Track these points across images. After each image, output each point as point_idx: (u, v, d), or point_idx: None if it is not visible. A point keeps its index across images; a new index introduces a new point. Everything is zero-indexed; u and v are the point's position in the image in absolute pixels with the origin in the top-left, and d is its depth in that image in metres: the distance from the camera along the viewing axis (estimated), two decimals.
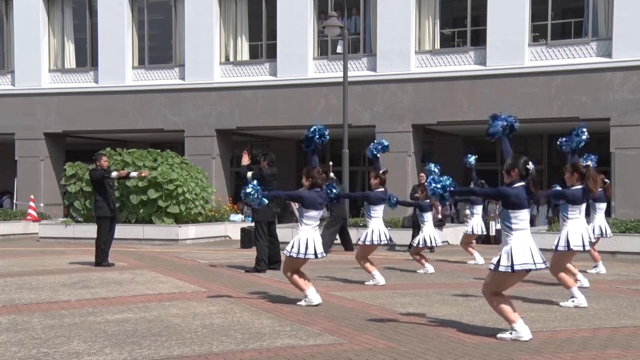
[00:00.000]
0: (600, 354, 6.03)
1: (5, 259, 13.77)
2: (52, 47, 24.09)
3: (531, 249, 6.49)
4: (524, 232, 6.52)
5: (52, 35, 24.05)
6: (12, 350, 6.16)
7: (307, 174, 8.48)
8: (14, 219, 21.14)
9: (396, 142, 19.80)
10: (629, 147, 18.01)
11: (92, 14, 23.59)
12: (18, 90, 23.82)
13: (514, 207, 6.46)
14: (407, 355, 5.92)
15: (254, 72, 22.19)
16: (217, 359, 5.80)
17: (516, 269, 6.40)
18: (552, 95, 18.74)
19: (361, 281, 10.57)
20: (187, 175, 18.12)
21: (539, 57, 19.23)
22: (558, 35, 19.49)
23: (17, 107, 23.54)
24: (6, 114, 23.55)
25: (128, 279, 10.73)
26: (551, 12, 19.36)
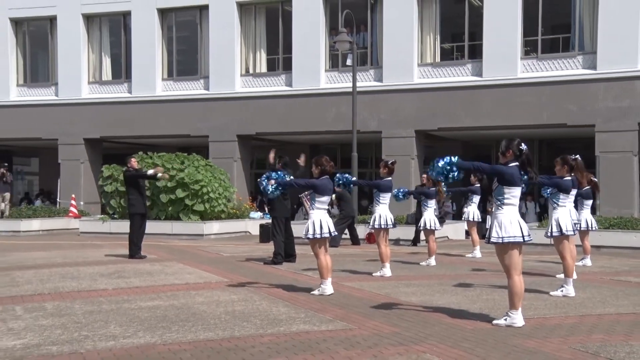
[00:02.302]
0: (587, 338, 6.00)
1: (50, 252, 13.85)
2: (91, 62, 24.19)
3: (520, 222, 6.44)
4: (514, 207, 6.48)
5: (91, 51, 24.15)
6: (56, 332, 6.20)
7: (316, 162, 8.51)
8: (58, 215, 21.24)
9: (400, 147, 19.82)
10: (612, 151, 17.95)
11: (126, 32, 23.68)
12: (61, 101, 23.91)
13: (509, 184, 6.41)
14: (411, 340, 5.91)
15: (272, 83, 22.20)
16: (239, 342, 5.80)
17: (505, 240, 6.36)
18: (542, 104, 18.66)
19: (369, 272, 10.56)
20: (211, 177, 18.14)
21: (530, 70, 19.16)
22: (547, 49, 19.41)
23: (60, 115, 23.64)
24: (51, 122, 23.63)
25: (158, 270, 10.76)
26: (541, 29, 19.28)
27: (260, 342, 5.79)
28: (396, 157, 14.45)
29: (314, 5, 21.26)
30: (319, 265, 8.41)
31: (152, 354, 5.39)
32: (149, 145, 22.75)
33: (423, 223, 12.13)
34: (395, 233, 15.22)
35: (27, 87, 24.80)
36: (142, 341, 5.84)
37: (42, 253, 13.59)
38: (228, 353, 5.43)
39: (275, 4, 22.17)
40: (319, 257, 8.36)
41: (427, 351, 5.52)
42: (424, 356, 5.37)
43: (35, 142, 25.01)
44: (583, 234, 11.33)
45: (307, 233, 8.26)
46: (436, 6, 20.49)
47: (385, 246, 10.33)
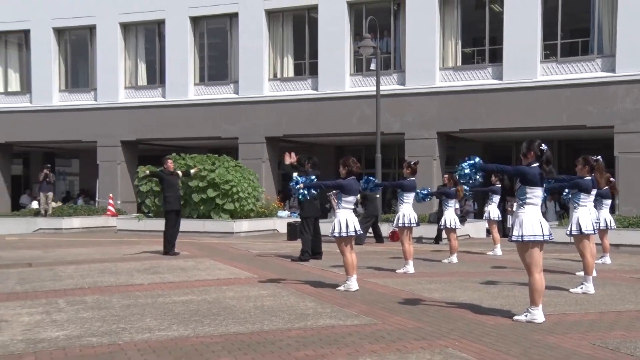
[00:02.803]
0: (607, 334, 5.91)
1: (89, 248, 14.02)
2: (127, 68, 24.44)
3: (541, 222, 6.35)
4: (536, 207, 6.40)
5: (127, 57, 24.41)
6: (96, 325, 6.28)
7: (344, 163, 8.51)
8: (96, 214, 21.49)
9: (423, 148, 19.71)
10: (631, 152, 17.63)
11: (160, 39, 23.89)
12: (99, 105, 24.18)
13: (531, 184, 6.34)
14: (434, 335, 5.88)
15: (298, 87, 22.22)
16: (268, 336, 5.81)
17: (525, 239, 6.29)
18: (562, 106, 18.41)
19: (392, 269, 10.51)
20: (241, 177, 18.21)
21: (550, 73, 18.92)
22: (567, 53, 19.15)
23: (98, 119, 23.90)
24: (90, 125, 23.90)
25: (191, 266, 10.82)
26: (560, 33, 19.04)
27: (288, 336, 5.80)
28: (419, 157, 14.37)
29: (339, 12, 21.24)
30: (344, 263, 8.40)
31: (186, 346, 5.42)
32: (181, 147, 22.90)
33: (444, 222, 12.08)
34: (418, 231, 15.14)
35: (68, 92, 25.14)
36: (176, 334, 5.89)
37: (82, 249, 13.77)
38: (257, 346, 5.45)
39: (302, 12, 22.20)
40: (344, 255, 8.35)
41: (450, 345, 5.48)
42: (446, 350, 5.33)
43: (76, 144, 25.32)
44: (602, 233, 11.20)
45: (334, 232, 8.27)
46: (457, 12, 20.34)
47: (408, 244, 10.29)
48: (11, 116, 24.90)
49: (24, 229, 19.89)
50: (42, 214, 20.75)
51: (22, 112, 24.89)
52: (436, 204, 16.41)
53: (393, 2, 21.06)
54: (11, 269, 10.48)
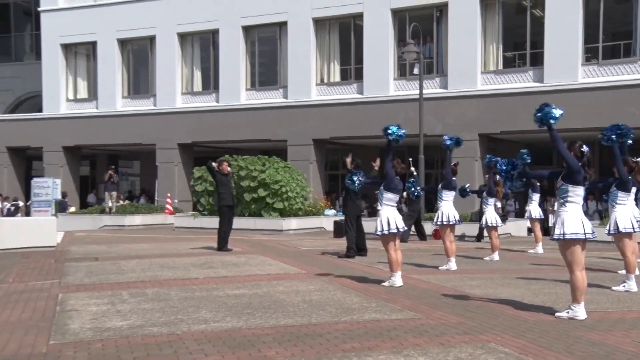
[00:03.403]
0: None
1: (150, 244, 14.25)
2: (184, 75, 24.84)
3: (582, 221, 6.18)
4: (577, 206, 6.23)
5: (184, 65, 24.82)
6: (156, 315, 6.39)
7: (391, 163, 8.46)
8: (156, 212, 21.83)
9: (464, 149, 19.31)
10: None
11: (214, 48, 24.21)
12: (158, 110, 24.65)
13: (573, 183, 6.18)
14: (476, 330, 5.78)
15: (344, 91, 22.21)
16: (316, 328, 5.81)
17: (567, 237, 6.13)
18: (602, 108, 17.88)
19: (435, 266, 10.39)
20: (290, 177, 18.27)
21: (591, 75, 18.43)
22: (608, 55, 18.62)
23: (157, 123, 24.35)
24: (149, 129, 24.36)
25: (243, 262, 10.87)
26: (602, 36, 18.51)
27: (335, 329, 5.79)
28: (460, 159, 14.21)
29: (383, 19, 21.15)
30: (389, 260, 8.35)
31: (238, 337, 5.47)
32: (234, 149, 23.16)
33: (485, 220, 11.88)
34: (460, 229, 14.94)
35: (130, 98, 25.72)
36: (229, 325, 5.94)
37: (143, 245, 14.01)
38: (306, 338, 5.45)
39: (348, 19, 22.18)
40: (389, 252, 8.30)
41: (492, 340, 5.38)
42: (488, 345, 5.24)
43: (137, 147, 25.84)
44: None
45: (377, 230, 8.21)
46: (499, 17, 20.01)
47: (450, 242, 10.16)
48: (80, 121, 25.62)
49: (91, 226, 20.41)
50: (107, 211, 21.27)
51: (89, 118, 25.57)
52: (477, 202, 16.16)
53: (436, 9, 20.86)
54: (80, 262, 10.76)
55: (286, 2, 22.46)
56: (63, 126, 25.69)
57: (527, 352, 5.03)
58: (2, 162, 26.94)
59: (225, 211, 12.81)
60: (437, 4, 20.70)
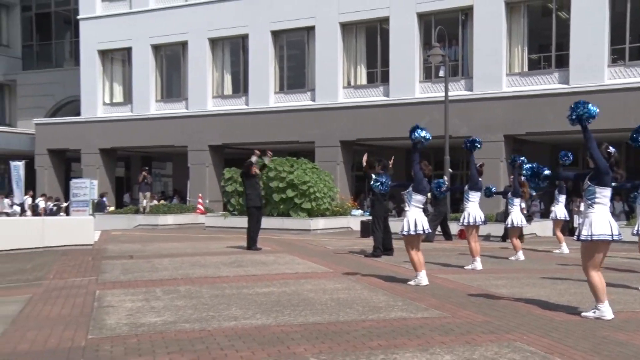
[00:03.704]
0: None
1: (182, 243, 14.35)
2: (215, 79, 25.04)
3: (610, 222, 6.06)
4: (605, 207, 6.11)
5: (215, 69, 25.01)
6: (188, 312, 6.44)
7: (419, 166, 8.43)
8: (187, 212, 21.97)
9: (490, 150, 19.19)
10: None
11: (244, 52, 24.35)
12: (190, 113, 24.80)
13: (601, 185, 6.07)
14: (502, 329, 5.71)
15: (371, 94, 22.15)
16: (343, 326, 5.80)
17: (594, 238, 6.02)
18: (629, 109, 17.51)
19: (461, 266, 10.30)
20: (317, 178, 18.28)
21: (617, 76, 18.08)
22: (635, 56, 18.24)
23: (189, 126, 24.57)
24: (182, 132, 24.58)
25: (272, 261, 10.89)
26: (629, 37, 18.15)
27: (362, 327, 5.77)
28: (485, 160, 14.07)
29: (409, 23, 21.05)
30: (411, 260, 8.33)
31: (268, 334, 5.49)
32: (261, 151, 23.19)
33: (510, 221, 11.68)
34: (486, 229, 14.78)
35: (163, 102, 26.02)
36: (259, 322, 5.96)
37: (175, 244, 14.13)
38: (333, 335, 5.45)
39: (374, 23, 22.13)
40: (409, 253, 8.28)
41: (518, 339, 5.31)
42: (515, 344, 5.17)
43: (169, 148, 26.11)
44: None
45: (403, 230, 8.17)
46: (524, 20, 19.76)
47: (474, 242, 10.06)
48: (115, 124, 26.00)
49: (126, 225, 20.67)
50: (141, 211, 21.53)
51: (125, 121, 25.93)
52: (503, 203, 15.97)
53: (461, 12, 20.69)
54: (116, 260, 10.91)
55: (314, 8, 22.51)
56: (100, 129, 26.11)
57: (553, 351, 4.95)
58: (43, 164, 27.47)
59: (253, 212, 12.87)
60: (462, 8, 20.53)
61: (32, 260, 10.94)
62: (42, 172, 27.51)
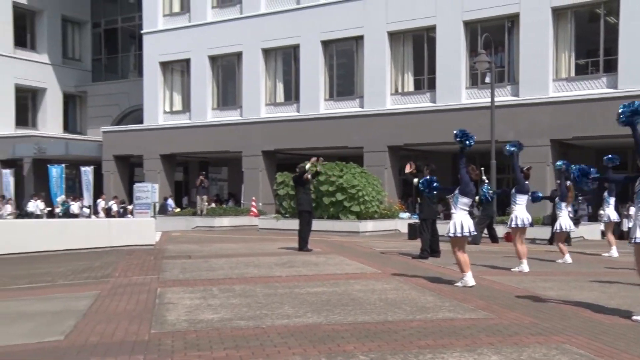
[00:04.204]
0: None
1: (237, 244, 14.49)
2: (268, 87, 25.30)
3: None
4: None
5: (268, 78, 25.26)
6: (243, 310, 6.50)
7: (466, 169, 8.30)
8: (242, 214, 22.24)
9: (536, 154, 18.74)
10: None
11: (295, 61, 24.53)
12: (244, 120, 25.13)
13: None
14: (550, 330, 5.55)
15: (417, 100, 21.95)
16: (391, 325, 5.76)
17: None
18: None
19: (507, 268, 10.06)
20: (366, 182, 18.22)
21: None
22: None
23: (243, 132, 24.87)
24: (236, 138, 24.86)
25: (322, 261, 10.87)
26: None
27: (410, 327, 5.72)
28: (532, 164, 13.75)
29: (455, 31, 20.78)
30: (457, 262, 8.20)
31: (319, 332, 5.49)
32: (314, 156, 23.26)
33: (558, 226, 11.33)
34: (532, 232, 14.40)
35: (219, 110, 26.46)
36: (310, 321, 5.97)
37: (230, 245, 14.29)
38: (382, 334, 5.41)
39: (421, 32, 21.94)
40: (456, 254, 8.15)
41: (567, 342, 5.15)
42: (563, 346, 5.01)
43: (225, 154, 26.52)
44: None
45: (449, 232, 8.06)
46: (571, 26, 19.22)
47: (520, 244, 9.83)
48: (175, 131, 26.61)
49: (185, 226, 21.09)
50: (199, 213, 21.92)
51: (183, 128, 26.51)
52: (549, 206, 15.55)
53: (507, 20, 20.29)
54: (176, 260, 11.13)
55: (363, 18, 22.49)
56: (160, 136, 26.77)
57: (602, 354, 4.78)
58: (110, 169, 28.35)
59: (304, 215, 12.91)
60: (508, 15, 20.14)
61: (100, 258, 11.28)
62: (108, 176, 28.39)
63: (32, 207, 25.36)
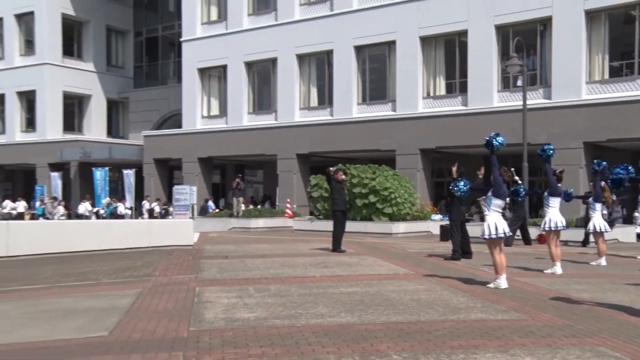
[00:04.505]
0: None
1: (272, 245, 14.57)
2: (302, 92, 25.37)
3: None
4: None
5: (302, 83, 25.35)
6: (278, 309, 6.53)
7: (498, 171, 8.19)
8: (277, 216, 22.33)
9: (569, 157, 18.35)
10: None
11: (329, 66, 24.54)
12: (279, 124, 25.29)
13: None
14: (583, 333, 5.42)
15: (449, 104, 21.74)
16: (424, 326, 5.71)
17: None
18: None
19: (540, 270, 9.86)
20: (398, 184, 18.12)
21: None
22: None
23: (278, 136, 24.89)
24: (271, 141, 24.97)
25: (355, 262, 10.85)
26: None
27: (442, 327, 5.66)
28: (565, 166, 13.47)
29: (487, 35, 20.52)
30: (494, 263, 8.06)
31: (352, 332, 5.48)
32: (346, 159, 23.30)
33: (592, 226, 11.12)
34: (565, 235, 14.09)
35: (254, 114, 26.68)
36: (344, 320, 5.96)
37: (266, 245, 14.38)
38: (415, 334, 5.37)
39: (453, 36, 21.73)
40: (494, 256, 8.01)
41: (601, 344, 5.02)
42: (597, 349, 4.89)
43: (260, 157, 26.67)
44: None
45: (484, 234, 7.96)
46: (604, 28, 18.76)
47: (555, 246, 9.63)
48: (212, 135, 26.93)
49: (222, 227, 21.31)
50: (235, 215, 22.12)
51: (220, 132, 26.80)
52: (582, 208, 15.20)
53: (539, 23, 19.94)
54: (213, 260, 11.26)
55: (395, 23, 22.39)
56: (198, 140, 27.12)
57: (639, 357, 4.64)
58: (150, 171, 28.86)
59: (338, 216, 12.89)
60: (541, 19, 19.79)
61: (142, 258, 11.49)
62: (149, 179, 28.90)
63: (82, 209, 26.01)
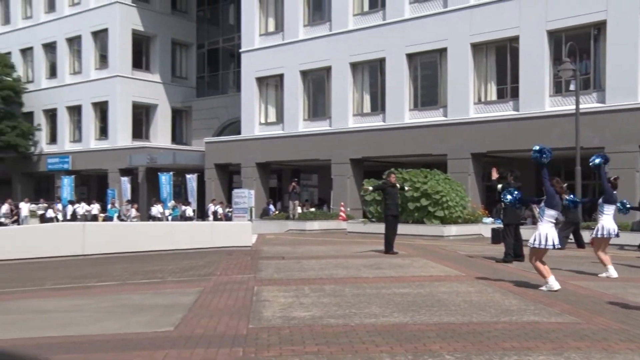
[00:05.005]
0: None
1: (326, 246, 14.64)
2: (355, 99, 25.34)
3: None
4: None
5: (355, 90, 25.34)
6: (333, 309, 6.56)
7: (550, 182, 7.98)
8: (331, 218, 22.44)
9: (624, 161, 17.59)
10: None
11: (381, 73, 24.48)
12: (333, 130, 25.31)
13: None
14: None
15: (500, 109, 21.24)
16: (476, 327, 5.62)
17: None
18: None
19: (594, 273, 9.51)
20: (450, 188, 17.88)
21: None
22: None
23: (332, 141, 24.98)
24: (325, 147, 25.01)
25: (407, 264, 10.77)
26: None
27: (495, 328, 5.55)
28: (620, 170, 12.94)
29: (539, 40, 19.96)
30: (536, 269, 7.90)
31: (405, 331, 5.45)
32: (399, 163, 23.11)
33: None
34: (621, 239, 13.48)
35: (310, 121, 26.84)
36: (396, 320, 5.94)
37: (320, 247, 14.46)
38: (467, 335, 5.29)
39: (504, 42, 21.24)
40: (534, 264, 7.85)
41: None
42: None
43: (315, 162, 26.81)
44: None
45: (534, 242, 7.75)
46: None
47: (602, 252, 9.30)
48: (269, 141, 27.29)
49: (278, 229, 21.56)
50: (291, 217, 22.33)
51: (277, 138, 27.12)
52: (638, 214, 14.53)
53: (593, 27, 19.23)
54: (270, 260, 11.41)
55: (447, 31, 22.11)
56: (256, 146, 27.54)
57: None
58: (211, 176, 29.52)
59: (390, 219, 12.83)
60: (595, 23, 19.08)
61: (204, 258, 11.77)
62: (210, 183, 29.55)
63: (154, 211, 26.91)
